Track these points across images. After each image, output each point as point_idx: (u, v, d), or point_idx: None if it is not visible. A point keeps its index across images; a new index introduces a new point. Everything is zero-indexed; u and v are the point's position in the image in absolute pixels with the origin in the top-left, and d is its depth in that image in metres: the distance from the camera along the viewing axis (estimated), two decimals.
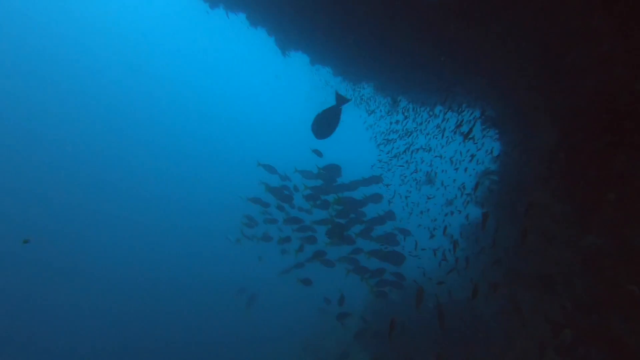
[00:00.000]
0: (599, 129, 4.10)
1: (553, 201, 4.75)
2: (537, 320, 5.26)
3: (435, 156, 9.96)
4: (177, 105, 53.29)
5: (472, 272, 7.44)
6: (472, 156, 7.73)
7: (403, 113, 9.65)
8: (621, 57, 3.56)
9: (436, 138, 9.70)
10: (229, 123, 57.39)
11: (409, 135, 10.02)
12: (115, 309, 22.93)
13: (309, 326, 13.73)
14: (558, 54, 4.62)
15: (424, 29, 6.08)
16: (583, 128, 4.43)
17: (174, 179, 46.24)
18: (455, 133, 8.93)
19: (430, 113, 10.12)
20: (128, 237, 33.48)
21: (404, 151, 10.37)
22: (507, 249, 6.31)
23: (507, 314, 6.46)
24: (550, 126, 4.89)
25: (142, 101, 50.02)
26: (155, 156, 47.51)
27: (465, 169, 8.77)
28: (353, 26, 6.79)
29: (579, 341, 4.02)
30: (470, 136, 7.18)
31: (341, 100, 4.45)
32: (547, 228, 4.70)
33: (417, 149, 10.52)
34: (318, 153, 6.81)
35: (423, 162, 10.90)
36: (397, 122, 10.10)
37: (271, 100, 56.54)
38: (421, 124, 9.83)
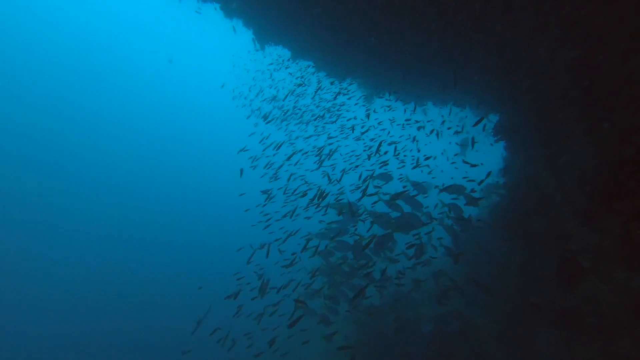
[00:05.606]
0: None
1: (584, 231, 4.19)
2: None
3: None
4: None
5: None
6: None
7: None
8: None
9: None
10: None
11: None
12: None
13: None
14: (605, 61, 3.98)
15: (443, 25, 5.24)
16: (625, 150, 3.86)
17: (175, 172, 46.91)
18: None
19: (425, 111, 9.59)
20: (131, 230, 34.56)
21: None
22: (509, 272, 5.82)
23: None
24: (584, 144, 4.30)
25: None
26: (156, 152, 48.55)
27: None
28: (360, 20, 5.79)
29: None
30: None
31: None
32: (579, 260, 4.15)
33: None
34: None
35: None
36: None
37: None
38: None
